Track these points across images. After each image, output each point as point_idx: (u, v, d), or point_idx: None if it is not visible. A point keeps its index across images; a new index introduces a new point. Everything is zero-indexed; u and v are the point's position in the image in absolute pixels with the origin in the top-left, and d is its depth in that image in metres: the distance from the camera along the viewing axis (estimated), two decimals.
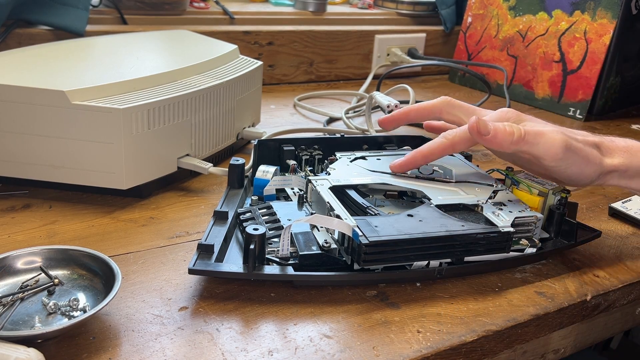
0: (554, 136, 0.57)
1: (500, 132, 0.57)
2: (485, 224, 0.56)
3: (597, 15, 1.08)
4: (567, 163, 0.58)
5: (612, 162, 0.60)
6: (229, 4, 1.24)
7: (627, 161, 0.60)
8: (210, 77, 0.74)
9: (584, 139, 0.60)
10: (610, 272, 0.59)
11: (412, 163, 0.63)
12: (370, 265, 0.52)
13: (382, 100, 0.85)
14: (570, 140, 0.58)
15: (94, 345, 0.44)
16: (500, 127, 0.57)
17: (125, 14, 1.06)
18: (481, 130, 0.57)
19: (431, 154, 0.61)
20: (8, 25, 0.92)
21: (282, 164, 0.70)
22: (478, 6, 1.28)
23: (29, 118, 0.61)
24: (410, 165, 0.63)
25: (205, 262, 0.51)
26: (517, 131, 0.57)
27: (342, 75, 1.28)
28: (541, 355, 0.59)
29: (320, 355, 0.45)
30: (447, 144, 0.61)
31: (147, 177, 0.66)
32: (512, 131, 0.57)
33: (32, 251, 0.50)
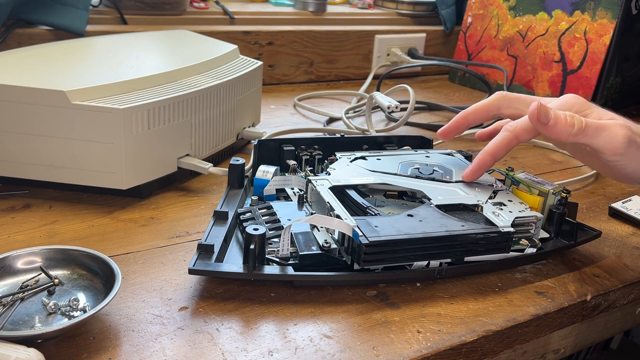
0: (616, 130, 0.55)
1: (561, 121, 0.55)
2: (485, 224, 0.56)
3: (597, 15, 1.08)
4: (628, 159, 0.56)
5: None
6: (229, 4, 1.24)
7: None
8: (210, 77, 0.74)
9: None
10: (610, 272, 0.59)
11: (484, 166, 0.61)
12: (370, 265, 0.52)
13: (382, 101, 0.85)
14: (635, 135, 0.56)
15: (94, 345, 0.44)
16: (562, 117, 0.55)
17: (125, 14, 1.06)
18: (541, 118, 0.56)
19: (498, 151, 0.60)
20: (8, 25, 0.92)
21: (282, 164, 0.70)
22: (478, 6, 1.28)
23: (29, 118, 0.61)
24: (483, 169, 0.62)
25: (205, 262, 0.51)
26: (578, 122, 0.55)
27: (342, 75, 1.28)
28: (541, 355, 0.59)
29: (320, 355, 0.45)
30: (511, 137, 0.59)
31: (147, 177, 0.66)
32: (573, 122, 0.55)
33: (32, 251, 0.50)
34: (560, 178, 0.82)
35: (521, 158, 0.90)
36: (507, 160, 0.88)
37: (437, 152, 0.71)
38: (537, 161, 0.89)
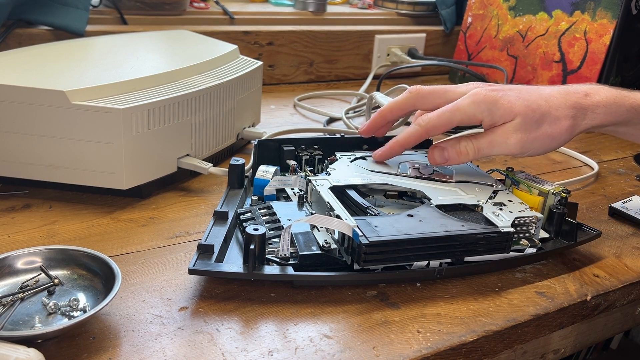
0: (507, 139, 0.59)
1: (454, 157, 0.62)
2: (485, 224, 0.56)
3: (597, 16, 1.08)
4: (529, 152, 0.61)
5: (587, 124, 0.62)
6: (229, 4, 1.24)
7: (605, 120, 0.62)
8: (210, 77, 0.74)
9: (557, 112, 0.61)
10: (610, 272, 0.59)
11: (392, 152, 0.65)
12: (370, 265, 0.52)
13: (382, 101, 0.85)
14: (527, 134, 0.59)
15: (94, 346, 0.44)
16: (454, 154, 0.61)
17: (125, 14, 1.06)
18: (437, 161, 0.62)
19: (408, 143, 0.63)
20: (8, 25, 0.92)
21: (282, 164, 0.70)
22: (478, 6, 1.28)
23: (29, 118, 0.61)
24: (391, 155, 0.66)
25: (205, 262, 0.51)
26: (471, 150, 0.61)
27: (342, 75, 1.28)
28: (541, 355, 0.59)
29: (320, 355, 0.45)
30: (422, 132, 0.62)
31: (147, 177, 0.66)
32: (467, 152, 0.61)
33: (32, 251, 0.50)
34: (560, 178, 0.82)
35: (521, 158, 0.90)
36: (507, 161, 0.88)
37: None
38: (537, 161, 0.89)
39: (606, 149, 0.96)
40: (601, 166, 0.87)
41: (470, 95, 0.60)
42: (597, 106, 0.62)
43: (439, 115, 0.61)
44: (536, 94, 0.62)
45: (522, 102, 0.60)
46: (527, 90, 0.62)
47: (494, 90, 0.60)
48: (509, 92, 0.61)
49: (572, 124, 0.61)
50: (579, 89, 0.63)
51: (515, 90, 0.62)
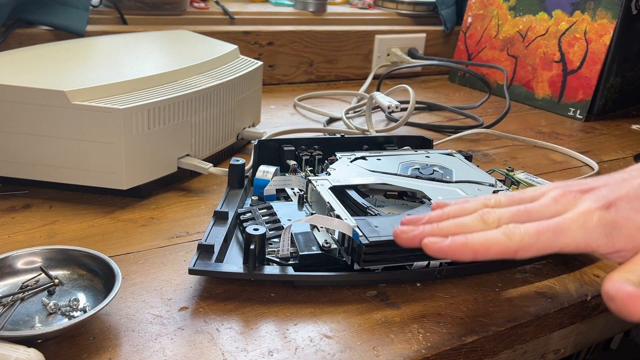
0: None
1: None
2: None
3: (597, 16, 1.08)
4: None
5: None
6: (229, 4, 1.24)
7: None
8: (210, 77, 0.74)
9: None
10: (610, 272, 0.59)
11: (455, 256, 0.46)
12: (370, 265, 0.52)
13: (383, 101, 0.85)
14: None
15: (94, 346, 0.44)
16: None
17: (125, 14, 1.06)
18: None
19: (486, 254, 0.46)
20: (8, 25, 0.92)
21: (282, 164, 0.70)
22: (478, 6, 1.28)
23: (29, 118, 0.61)
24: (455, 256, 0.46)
25: (205, 262, 0.51)
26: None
27: (342, 75, 1.28)
28: (541, 355, 0.59)
29: (320, 355, 0.45)
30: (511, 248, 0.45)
31: (147, 177, 0.66)
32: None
33: (32, 251, 0.50)
34: (560, 178, 0.82)
35: (521, 158, 0.90)
36: (507, 161, 0.88)
37: (437, 152, 0.71)
38: (537, 161, 0.89)
39: (606, 149, 0.96)
40: (601, 166, 0.87)
41: (580, 216, 0.46)
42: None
43: (538, 234, 0.45)
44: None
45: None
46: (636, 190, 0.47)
47: (606, 206, 0.46)
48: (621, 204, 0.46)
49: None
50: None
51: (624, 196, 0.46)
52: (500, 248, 0.45)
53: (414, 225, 0.49)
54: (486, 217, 0.47)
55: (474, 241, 0.46)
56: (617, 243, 0.45)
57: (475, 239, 0.46)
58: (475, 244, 0.45)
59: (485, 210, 0.48)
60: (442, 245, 0.46)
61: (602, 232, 0.45)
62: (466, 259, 0.46)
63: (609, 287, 0.42)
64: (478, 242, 0.46)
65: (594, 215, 0.46)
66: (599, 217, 0.45)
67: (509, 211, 0.48)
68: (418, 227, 0.48)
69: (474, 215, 0.48)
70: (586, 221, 0.45)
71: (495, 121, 0.98)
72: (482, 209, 0.49)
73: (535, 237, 0.45)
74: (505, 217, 0.47)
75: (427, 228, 0.48)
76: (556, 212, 0.47)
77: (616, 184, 0.48)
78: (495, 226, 0.47)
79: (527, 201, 0.49)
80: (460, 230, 0.47)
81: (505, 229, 0.46)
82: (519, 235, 0.45)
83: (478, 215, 0.48)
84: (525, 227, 0.46)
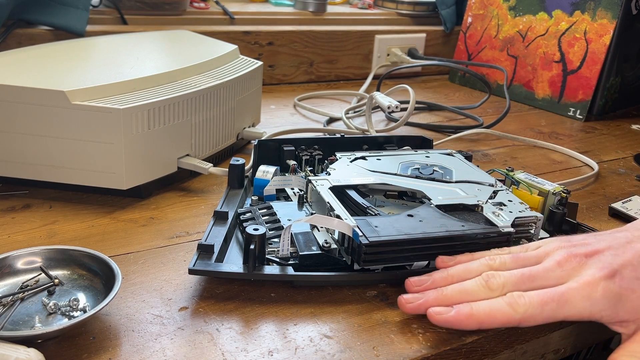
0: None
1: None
2: (486, 224, 0.56)
3: (597, 16, 1.08)
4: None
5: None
6: (229, 4, 1.24)
7: None
8: (210, 77, 0.74)
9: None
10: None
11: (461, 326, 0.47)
12: (370, 265, 0.52)
13: (383, 101, 0.85)
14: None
15: (94, 346, 0.44)
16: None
17: (125, 14, 1.06)
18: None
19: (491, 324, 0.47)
20: (8, 25, 0.92)
21: (282, 164, 0.70)
22: (478, 6, 1.28)
23: (29, 118, 0.61)
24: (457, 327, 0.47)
25: (205, 262, 0.51)
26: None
27: (342, 75, 1.28)
28: (541, 355, 0.59)
29: (320, 355, 0.45)
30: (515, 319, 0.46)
31: (147, 177, 0.66)
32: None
33: (32, 251, 0.50)
34: (560, 178, 0.82)
35: (521, 158, 0.90)
36: (507, 161, 0.88)
37: (437, 152, 0.71)
38: (537, 161, 0.89)
39: (606, 149, 0.96)
40: (601, 166, 0.87)
41: (584, 286, 0.46)
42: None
43: (543, 303, 0.46)
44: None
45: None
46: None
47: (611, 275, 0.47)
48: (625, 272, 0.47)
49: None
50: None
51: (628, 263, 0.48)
52: (505, 319, 0.46)
53: (418, 287, 0.50)
54: (491, 282, 0.48)
55: (479, 312, 0.46)
56: (621, 314, 0.46)
57: (480, 309, 0.46)
58: (480, 315, 0.46)
59: (490, 274, 0.49)
60: (448, 317, 0.47)
61: (607, 303, 0.46)
62: (471, 329, 0.47)
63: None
64: (483, 312, 0.46)
65: (598, 286, 0.46)
66: (603, 288, 0.46)
67: (514, 276, 0.48)
68: (423, 294, 0.49)
69: (478, 280, 0.48)
70: (591, 292, 0.46)
71: (495, 121, 0.98)
72: (486, 270, 0.49)
73: (539, 308, 0.46)
74: (509, 283, 0.48)
75: (432, 295, 0.48)
76: (560, 277, 0.48)
77: (620, 247, 0.49)
78: (500, 292, 0.47)
79: (531, 263, 0.50)
80: (465, 297, 0.48)
81: (510, 299, 0.46)
82: (523, 306, 0.46)
83: (483, 281, 0.48)
84: (530, 297, 0.46)
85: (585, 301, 0.46)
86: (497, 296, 0.47)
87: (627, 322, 0.47)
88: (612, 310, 0.46)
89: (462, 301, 0.47)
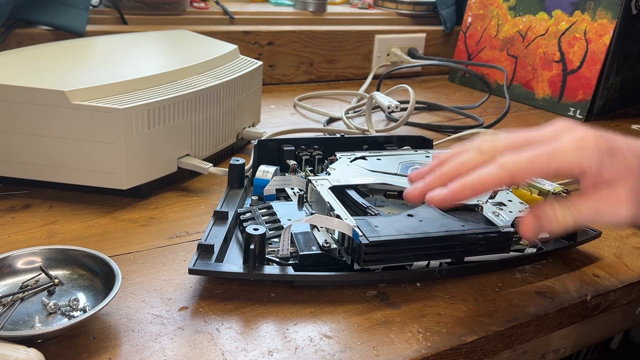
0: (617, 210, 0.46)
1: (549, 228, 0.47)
2: (486, 224, 0.56)
3: (597, 16, 1.08)
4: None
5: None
6: (229, 4, 1.24)
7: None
8: (210, 77, 0.74)
9: None
10: (610, 272, 0.59)
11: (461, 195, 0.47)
12: (370, 265, 0.52)
13: (383, 101, 0.85)
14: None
15: (94, 345, 0.44)
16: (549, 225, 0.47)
17: (125, 14, 1.06)
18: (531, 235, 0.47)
19: (484, 188, 0.47)
20: (8, 25, 0.92)
21: (282, 164, 0.70)
22: (478, 6, 1.28)
23: (29, 118, 0.61)
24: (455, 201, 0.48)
25: (205, 262, 0.51)
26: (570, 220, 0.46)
27: (342, 75, 1.28)
28: (541, 355, 0.59)
29: (320, 355, 0.45)
30: (506, 178, 0.46)
31: (147, 177, 0.66)
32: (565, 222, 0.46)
33: (32, 251, 0.50)
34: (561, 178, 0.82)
35: None
36: None
37: (437, 152, 0.71)
38: None
39: None
40: None
41: (576, 139, 0.46)
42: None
43: (532, 159, 0.46)
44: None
45: (636, 159, 0.47)
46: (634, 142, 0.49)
47: (604, 137, 0.47)
48: (617, 141, 0.48)
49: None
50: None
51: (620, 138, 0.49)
52: (496, 180, 0.46)
53: (418, 176, 0.51)
54: (482, 146, 0.48)
55: (471, 181, 0.46)
56: (605, 172, 0.46)
57: (471, 178, 0.47)
58: (471, 183, 0.46)
59: (482, 139, 0.49)
60: (444, 195, 0.47)
61: (598, 156, 0.46)
62: (469, 199, 0.47)
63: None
64: (474, 180, 0.46)
65: (591, 138, 0.46)
66: (596, 141, 0.46)
67: (506, 138, 0.48)
68: (422, 180, 0.49)
69: (471, 149, 0.49)
70: (583, 144, 0.46)
71: (495, 121, 0.98)
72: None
73: (529, 163, 0.46)
74: (500, 145, 0.48)
75: (429, 178, 0.49)
76: (554, 137, 0.47)
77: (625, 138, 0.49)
78: (492, 155, 0.47)
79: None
80: (460, 167, 0.48)
81: (498, 160, 0.46)
82: (512, 164, 0.46)
83: (475, 147, 0.48)
84: (519, 155, 0.46)
85: (577, 151, 0.46)
86: (489, 160, 0.47)
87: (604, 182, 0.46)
88: (600, 166, 0.46)
89: (458, 175, 0.47)
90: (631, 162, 0.46)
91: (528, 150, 0.46)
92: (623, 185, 0.46)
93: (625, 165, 0.46)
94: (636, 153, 0.47)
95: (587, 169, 0.46)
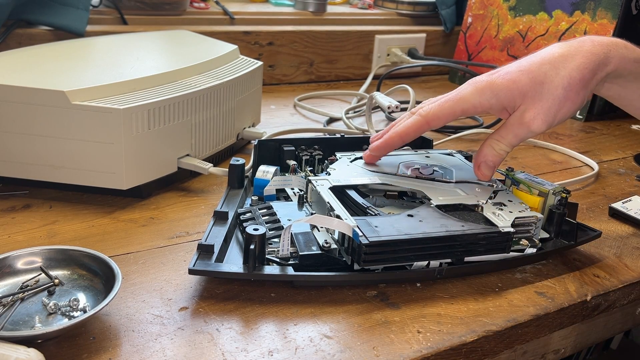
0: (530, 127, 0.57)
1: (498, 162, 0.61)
2: (486, 224, 0.56)
3: (597, 16, 1.08)
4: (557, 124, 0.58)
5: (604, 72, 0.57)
6: (229, 4, 1.24)
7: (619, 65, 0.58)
8: (211, 77, 0.74)
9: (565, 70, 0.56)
10: (610, 272, 0.59)
11: (392, 144, 0.61)
12: (370, 265, 0.52)
13: (383, 101, 0.85)
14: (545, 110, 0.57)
15: (94, 346, 0.44)
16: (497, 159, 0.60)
17: (125, 14, 1.06)
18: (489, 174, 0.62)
19: (407, 134, 0.60)
20: (8, 26, 0.92)
21: (282, 164, 0.70)
22: (478, 6, 1.28)
23: (29, 118, 0.61)
24: (390, 147, 0.62)
25: (205, 262, 0.51)
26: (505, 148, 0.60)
27: (342, 75, 1.28)
28: (541, 355, 0.59)
29: (320, 355, 0.45)
30: (423, 122, 0.59)
31: (147, 177, 0.66)
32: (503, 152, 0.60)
33: (32, 251, 0.50)
34: (560, 178, 0.82)
35: (521, 158, 0.90)
36: (507, 161, 0.88)
37: (437, 152, 0.71)
38: (537, 161, 0.89)
39: (606, 149, 0.96)
40: (601, 166, 0.87)
41: (471, 83, 0.58)
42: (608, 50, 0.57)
43: (441, 105, 0.58)
44: (539, 58, 0.58)
45: (526, 76, 0.56)
46: (529, 58, 0.58)
47: (495, 74, 0.58)
48: (509, 69, 0.57)
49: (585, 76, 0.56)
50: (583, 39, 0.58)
51: (516, 63, 0.58)
52: (416, 125, 0.59)
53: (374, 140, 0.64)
54: (414, 109, 0.61)
55: (397, 130, 0.60)
56: (503, 101, 0.57)
57: (396, 127, 0.61)
58: (397, 131, 0.60)
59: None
60: (379, 143, 0.62)
61: (490, 93, 0.57)
62: (398, 145, 0.61)
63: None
64: (398, 128, 0.60)
65: (483, 79, 0.58)
66: (486, 80, 0.57)
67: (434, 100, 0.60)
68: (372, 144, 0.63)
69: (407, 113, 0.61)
70: (478, 87, 0.57)
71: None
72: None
73: (439, 108, 0.58)
74: (426, 103, 0.60)
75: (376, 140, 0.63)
76: (460, 89, 0.59)
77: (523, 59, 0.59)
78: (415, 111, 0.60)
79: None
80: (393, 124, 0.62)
81: (418, 111, 0.60)
82: (427, 111, 0.59)
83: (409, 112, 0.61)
84: (432, 104, 0.59)
85: (475, 95, 0.57)
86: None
87: (507, 108, 0.58)
88: (496, 99, 0.57)
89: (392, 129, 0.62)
90: (522, 83, 0.56)
91: (440, 100, 0.59)
92: (522, 108, 0.57)
93: (516, 88, 0.56)
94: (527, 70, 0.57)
95: (489, 106, 0.57)
